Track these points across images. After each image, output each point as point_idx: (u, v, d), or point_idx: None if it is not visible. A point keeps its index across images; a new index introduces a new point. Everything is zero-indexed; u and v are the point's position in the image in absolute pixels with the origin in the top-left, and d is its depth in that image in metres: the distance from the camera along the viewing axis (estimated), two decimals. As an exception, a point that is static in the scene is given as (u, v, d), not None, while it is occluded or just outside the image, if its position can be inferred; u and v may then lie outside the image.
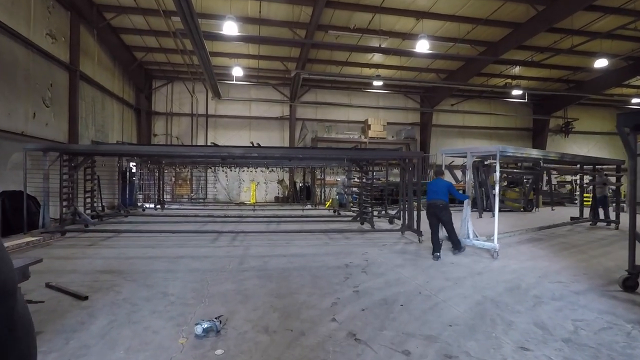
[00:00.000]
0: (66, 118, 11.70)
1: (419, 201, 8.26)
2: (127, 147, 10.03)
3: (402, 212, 9.11)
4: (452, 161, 9.60)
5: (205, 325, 3.24)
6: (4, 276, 0.59)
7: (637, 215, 4.84)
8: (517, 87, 18.74)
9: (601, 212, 11.67)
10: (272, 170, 17.36)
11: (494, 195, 7.19)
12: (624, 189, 15.09)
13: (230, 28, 12.10)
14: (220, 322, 3.40)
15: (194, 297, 4.28)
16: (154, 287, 4.61)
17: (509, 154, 7.77)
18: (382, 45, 14.25)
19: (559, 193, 20.42)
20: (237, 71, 16.74)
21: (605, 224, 11.31)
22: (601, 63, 14.87)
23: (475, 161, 9.46)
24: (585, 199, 13.70)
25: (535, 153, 9.42)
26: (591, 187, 12.22)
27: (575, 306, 4.10)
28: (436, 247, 6.53)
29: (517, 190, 16.56)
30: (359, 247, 7.52)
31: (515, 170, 14.87)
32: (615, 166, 11.56)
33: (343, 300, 4.24)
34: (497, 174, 7.15)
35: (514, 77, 19.19)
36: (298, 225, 10.18)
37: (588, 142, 24.15)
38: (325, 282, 4.98)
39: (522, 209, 16.14)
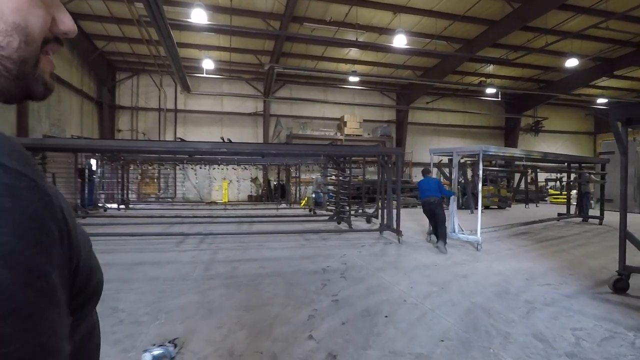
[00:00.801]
0: (14, 109, 10.61)
1: (399, 199, 7.91)
2: (79, 141, 9.12)
3: (380, 211, 8.75)
4: (441, 160, 9.71)
5: (156, 352, 2.68)
6: (100, 274, 0.52)
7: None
8: (491, 85, 18.89)
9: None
10: (245, 167, 16.69)
11: (476, 192, 7.61)
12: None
13: (199, 16, 11.35)
14: (176, 346, 2.84)
15: (148, 313, 3.68)
16: (103, 301, 3.92)
17: (491, 153, 8.09)
18: (359, 39, 13.87)
19: (531, 191, 20.75)
20: (208, 64, 15.93)
21: (584, 219, 11.64)
22: (572, 62, 15.13)
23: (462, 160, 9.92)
24: (559, 196, 13.91)
25: (518, 152, 9.63)
26: (575, 184, 12.47)
27: (570, 312, 3.81)
28: (436, 233, 7.16)
29: (491, 188, 16.66)
30: (336, 248, 7.08)
31: (498, 169, 14.91)
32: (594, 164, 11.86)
33: (321, 311, 3.77)
34: (480, 172, 7.58)
35: (488, 76, 19.34)
36: (272, 226, 9.64)
37: (556, 141, 24.83)
38: (301, 290, 4.49)
39: (497, 206, 16.26)
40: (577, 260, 6.17)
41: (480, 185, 7.66)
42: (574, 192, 19.29)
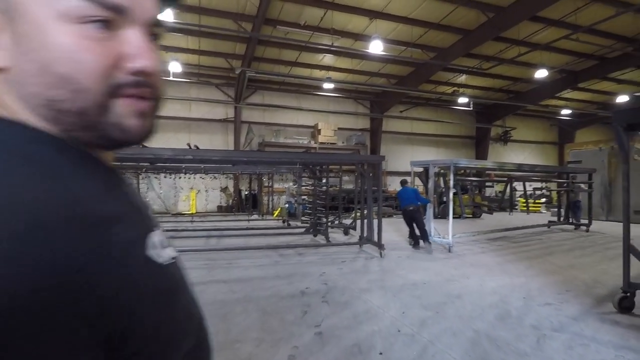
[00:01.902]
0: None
1: (380, 210, 7.42)
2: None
3: (361, 223, 8.22)
4: (421, 170, 9.87)
5: None
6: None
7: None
8: (464, 95, 19.07)
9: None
10: (214, 177, 15.78)
11: (449, 200, 8.44)
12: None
13: (164, 14, 10.52)
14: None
15: None
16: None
17: (461, 165, 9.26)
18: (335, 44, 13.48)
19: (505, 200, 21.04)
20: (175, 67, 15.01)
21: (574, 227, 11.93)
22: (541, 73, 15.42)
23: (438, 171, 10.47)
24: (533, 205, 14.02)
25: (490, 164, 10.71)
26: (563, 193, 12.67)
27: (584, 339, 3.38)
28: (415, 239, 8.13)
29: (466, 197, 16.62)
30: (314, 265, 6.46)
31: (475, 179, 14.91)
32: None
33: (303, 349, 3.14)
34: (452, 182, 8.49)
35: (460, 86, 19.54)
36: (243, 240, 8.88)
37: (524, 151, 25.50)
38: (278, 320, 3.83)
39: (472, 215, 16.21)
40: (569, 274, 5.87)
41: (451, 194, 8.55)
42: (543, 199, 19.82)
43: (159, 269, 0.41)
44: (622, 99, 19.28)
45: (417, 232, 8.07)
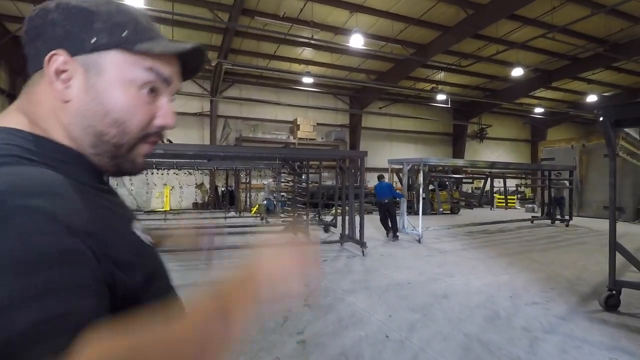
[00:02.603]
0: None
1: (362, 208, 7.23)
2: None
3: (342, 220, 8.01)
4: (400, 167, 11.08)
5: None
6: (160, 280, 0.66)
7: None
8: (442, 92, 19.18)
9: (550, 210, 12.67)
10: (189, 172, 15.22)
11: (423, 197, 9.64)
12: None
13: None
14: None
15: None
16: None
17: (431, 163, 10.53)
18: (314, 37, 13.17)
19: (481, 196, 21.39)
20: (146, 57, 14.28)
21: (557, 221, 12.29)
22: (517, 72, 15.64)
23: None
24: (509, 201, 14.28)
25: (461, 162, 12.03)
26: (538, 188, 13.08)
27: (576, 341, 3.28)
28: (387, 229, 8.94)
29: (444, 193, 16.75)
30: (295, 265, 6.19)
31: (455, 176, 15.04)
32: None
33: (285, 361, 2.88)
34: (421, 179, 9.60)
35: (439, 83, 19.64)
36: (219, 239, 8.50)
37: (498, 148, 26.05)
38: (257, 328, 3.55)
39: (449, 211, 16.36)
40: (552, 271, 5.86)
41: (421, 190, 9.73)
42: (517, 195, 20.31)
43: (142, 242, 0.60)
44: (592, 98, 19.93)
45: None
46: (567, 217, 12.07)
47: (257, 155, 6.41)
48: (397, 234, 8.81)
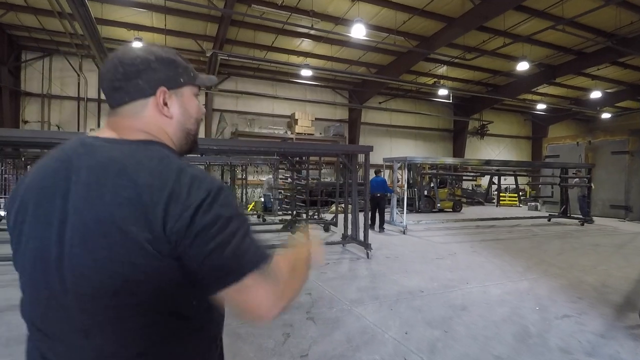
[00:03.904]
0: None
1: (367, 207, 6.75)
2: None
3: (344, 219, 7.51)
4: (399, 165, 11.00)
5: None
6: None
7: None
8: (444, 87, 18.68)
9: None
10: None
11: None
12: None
13: None
14: None
15: None
16: None
17: (416, 161, 11.90)
18: (314, 27, 12.59)
19: (478, 193, 21.02)
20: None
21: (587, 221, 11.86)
22: (523, 66, 15.14)
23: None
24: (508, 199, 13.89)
25: (450, 160, 13.98)
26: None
27: (627, 367, 2.82)
28: (373, 222, 9.54)
29: (445, 190, 16.33)
30: (295, 269, 5.70)
31: (450, 173, 14.64)
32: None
33: (288, 395, 2.38)
34: (405, 177, 10.83)
35: (441, 77, 19.15)
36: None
37: (499, 145, 25.64)
38: (255, 347, 3.06)
39: (452, 209, 15.93)
40: (573, 277, 5.41)
41: (405, 186, 10.78)
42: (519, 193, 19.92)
43: None
44: (595, 95, 19.53)
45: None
46: (586, 218, 11.81)
47: (255, 150, 5.89)
48: (383, 226, 9.75)
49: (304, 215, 8.21)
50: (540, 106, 22.38)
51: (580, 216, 11.87)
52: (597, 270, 5.78)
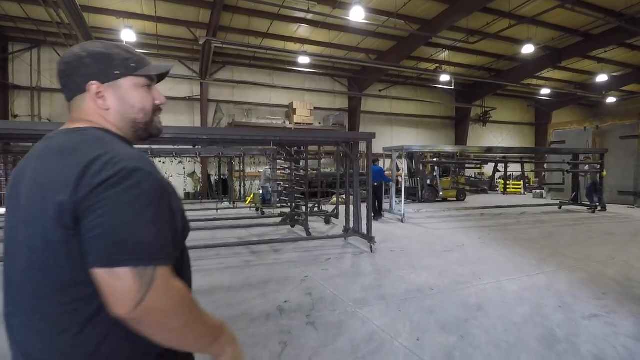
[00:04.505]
0: None
1: (370, 198, 6.36)
2: None
3: (345, 211, 7.13)
4: (397, 154, 10.83)
5: None
6: (189, 227, 0.98)
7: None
8: (446, 72, 18.12)
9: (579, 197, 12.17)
10: (179, 160, 14.24)
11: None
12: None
13: None
14: None
15: None
16: None
17: (414, 150, 11.53)
18: (311, 12, 12.05)
19: (482, 181, 20.58)
20: (128, 36, 13.07)
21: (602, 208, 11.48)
22: (528, 49, 14.58)
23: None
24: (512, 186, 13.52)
25: (449, 148, 12.63)
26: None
27: (675, 378, 2.46)
28: (375, 212, 9.30)
29: (449, 179, 15.91)
30: (294, 266, 5.34)
31: (457, 162, 14.27)
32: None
33: (284, 423, 2.02)
34: (405, 166, 11.03)
35: (442, 63, 18.60)
36: (209, 234, 7.57)
37: (502, 132, 25.15)
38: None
39: (455, 198, 15.55)
40: (592, 270, 5.04)
41: (403, 176, 10.77)
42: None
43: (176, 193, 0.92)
44: (601, 78, 19.00)
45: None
46: (597, 205, 11.48)
47: (249, 139, 5.45)
48: (382, 212, 10.10)
49: (303, 208, 7.81)
50: (545, 91, 21.83)
51: (591, 203, 11.48)
52: (616, 262, 5.41)
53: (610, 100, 22.64)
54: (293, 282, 4.55)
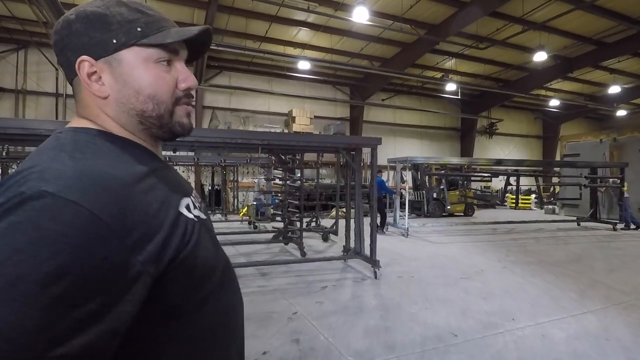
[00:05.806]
0: None
1: (374, 213, 5.43)
2: None
3: (345, 229, 6.20)
4: (402, 165, 10.59)
5: None
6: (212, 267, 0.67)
7: None
8: (452, 81, 17.37)
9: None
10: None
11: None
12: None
13: None
14: None
15: None
16: None
17: (418, 161, 11.07)
18: (312, 13, 11.32)
19: (490, 195, 19.64)
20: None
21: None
22: (540, 56, 13.80)
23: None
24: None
25: (456, 160, 11.45)
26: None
27: None
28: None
29: (456, 192, 14.99)
30: (282, 296, 4.39)
31: (459, 174, 13.36)
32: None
33: None
34: (409, 178, 10.50)
35: (448, 71, 17.86)
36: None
37: (509, 144, 24.32)
38: None
39: (463, 213, 14.61)
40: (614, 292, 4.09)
41: (406, 190, 10.88)
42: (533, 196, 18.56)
43: (188, 220, 0.59)
44: (614, 89, 18.23)
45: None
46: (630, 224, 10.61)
47: (230, 142, 4.58)
48: (386, 226, 9.74)
49: (298, 224, 6.87)
50: (553, 102, 21.03)
51: (612, 220, 10.54)
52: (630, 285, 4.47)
53: (621, 113, 21.84)
54: (278, 321, 3.60)
